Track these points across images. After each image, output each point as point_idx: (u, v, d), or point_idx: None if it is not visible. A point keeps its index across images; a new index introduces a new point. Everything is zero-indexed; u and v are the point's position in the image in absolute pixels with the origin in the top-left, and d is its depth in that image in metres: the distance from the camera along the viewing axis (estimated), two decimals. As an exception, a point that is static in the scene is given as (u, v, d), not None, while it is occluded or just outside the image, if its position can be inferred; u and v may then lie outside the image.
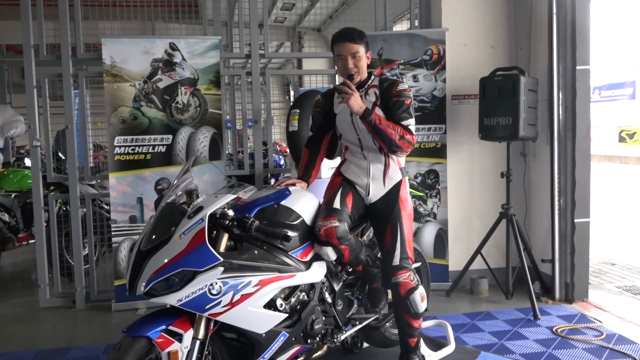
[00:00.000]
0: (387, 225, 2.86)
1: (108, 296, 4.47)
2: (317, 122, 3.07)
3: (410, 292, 2.79)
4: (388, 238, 2.84)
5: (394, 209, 2.87)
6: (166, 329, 2.25)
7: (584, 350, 3.37)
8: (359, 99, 2.74)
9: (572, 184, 4.25)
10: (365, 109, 2.73)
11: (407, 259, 2.83)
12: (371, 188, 2.92)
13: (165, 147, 4.40)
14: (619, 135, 21.05)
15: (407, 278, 2.79)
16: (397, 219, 2.86)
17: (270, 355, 2.46)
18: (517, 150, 4.67)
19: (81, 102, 4.62)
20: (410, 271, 2.81)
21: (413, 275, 2.83)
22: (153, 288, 2.23)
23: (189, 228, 2.27)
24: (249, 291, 2.34)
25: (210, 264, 2.26)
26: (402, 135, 2.75)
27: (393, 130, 2.74)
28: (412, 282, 2.80)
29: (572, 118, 4.23)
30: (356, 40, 2.78)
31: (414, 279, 2.82)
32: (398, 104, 2.80)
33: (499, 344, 3.49)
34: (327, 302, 2.76)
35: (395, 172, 2.93)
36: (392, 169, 2.93)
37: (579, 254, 4.26)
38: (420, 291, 2.82)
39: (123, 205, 4.36)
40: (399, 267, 2.80)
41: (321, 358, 3.19)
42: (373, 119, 2.73)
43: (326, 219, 2.67)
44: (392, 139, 2.75)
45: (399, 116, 2.79)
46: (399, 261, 2.80)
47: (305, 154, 3.06)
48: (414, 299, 2.79)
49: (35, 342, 3.76)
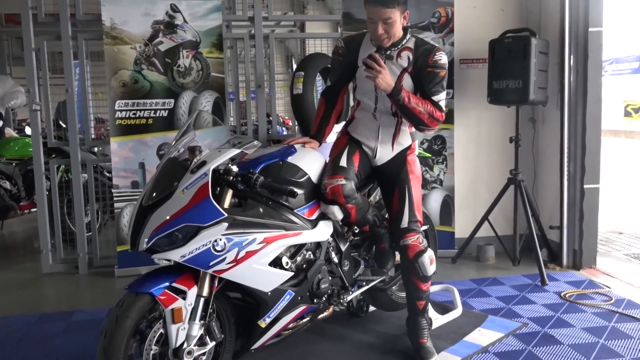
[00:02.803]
0: (395, 189, 2.77)
1: (111, 262, 4.43)
2: (336, 71, 2.87)
3: (418, 255, 2.72)
4: (396, 201, 2.76)
5: (402, 172, 2.78)
6: (169, 286, 2.20)
7: (593, 314, 3.32)
8: (387, 76, 2.52)
9: (582, 149, 4.16)
10: (394, 88, 2.54)
11: (415, 221, 2.75)
12: (378, 151, 2.81)
13: (167, 112, 4.32)
14: (625, 109, 20.84)
15: (416, 241, 2.72)
16: (405, 182, 2.77)
17: (275, 314, 2.41)
18: (525, 116, 4.57)
19: (81, 66, 4.51)
20: (419, 234, 2.74)
21: (422, 238, 2.75)
22: (155, 244, 2.17)
23: (192, 183, 2.21)
24: (254, 248, 2.28)
25: (214, 219, 2.19)
26: (431, 113, 2.59)
27: (422, 109, 2.58)
28: (420, 245, 2.73)
29: (583, 82, 4.12)
30: (389, 5, 2.51)
31: (423, 241, 2.75)
32: (432, 75, 2.61)
33: (506, 309, 3.45)
34: (334, 263, 2.70)
35: (405, 137, 2.82)
36: (402, 134, 2.81)
37: (588, 220, 4.20)
38: (429, 254, 2.75)
39: (125, 170, 4.30)
40: (407, 230, 2.72)
41: (327, 320, 3.17)
42: (402, 97, 2.55)
43: (332, 177, 2.59)
44: (420, 119, 2.60)
45: (430, 89, 2.62)
46: (408, 224, 2.72)
47: (321, 106, 2.90)
48: (423, 262, 2.72)
49: (38, 306, 3.73)
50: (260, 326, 2.40)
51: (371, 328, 3.18)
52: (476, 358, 2.81)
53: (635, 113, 20.43)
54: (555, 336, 3.03)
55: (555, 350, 2.87)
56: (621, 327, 3.13)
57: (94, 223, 4.54)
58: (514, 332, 3.10)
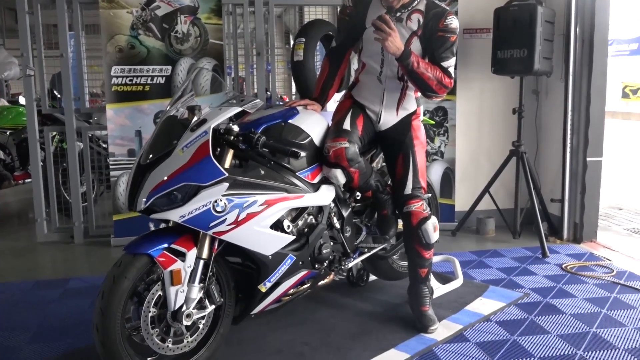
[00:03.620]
0: (399, 154, 2.71)
1: (107, 231, 4.37)
2: (342, 32, 2.77)
3: (422, 222, 2.67)
4: (400, 167, 2.70)
5: (406, 138, 2.72)
6: (168, 248, 2.14)
7: (595, 285, 3.30)
8: (397, 39, 2.42)
9: (585, 121, 4.10)
10: (403, 52, 2.44)
11: (419, 188, 2.69)
12: (382, 116, 2.74)
13: (165, 79, 4.22)
14: (623, 91, 20.75)
15: (420, 207, 2.67)
16: (409, 147, 2.71)
17: (276, 278, 2.36)
18: (529, 88, 4.50)
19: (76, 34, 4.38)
20: (422, 200, 2.68)
21: (425, 204, 2.70)
22: (154, 204, 2.10)
23: (191, 141, 2.14)
24: (255, 210, 2.22)
25: (215, 178, 2.13)
26: (440, 80, 2.52)
27: (431, 75, 2.50)
28: (424, 212, 2.67)
29: (589, 53, 4.05)
30: None
31: (427, 208, 2.70)
32: (442, 40, 2.52)
33: (507, 279, 3.42)
34: (335, 228, 2.65)
35: (411, 102, 2.76)
36: (408, 99, 2.74)
37: (590, 193, 4.16)
38: (432, 221, 2.70)
39: (121, 138, 4.22)
40: (411, 196, 2.66)
41: (326, 289, 3.14)
42: (411, 62, 2.45)
43: (335, 139, 2.52)
44: (429, 85, 2.53)
45: (439, 55, 2.54)
46: (411, 190, 2.67)
47: (325, 67, 2.80)
48: (426, 229, 2.68)
49: (33, 274, 3.68)
50: (260, 291, 2.35)
51: (371, 297, 3.14)
52: (478, 326, 2.78)
53: (633, 94, 20.34)
54: (557, 306, 3.00)
55: (558, 319, 2.84)
56: (623, 298, 3.10)
57: (90, 192, 4.48)
58: (516, 301, 3.07)
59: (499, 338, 2.65)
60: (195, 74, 2.39)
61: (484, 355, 2.48)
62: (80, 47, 4.35)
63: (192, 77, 2.36)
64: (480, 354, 2.50)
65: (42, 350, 2.58)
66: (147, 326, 2.13)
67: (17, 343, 2.65)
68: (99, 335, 2.03)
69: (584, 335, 2.66)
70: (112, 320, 2.03)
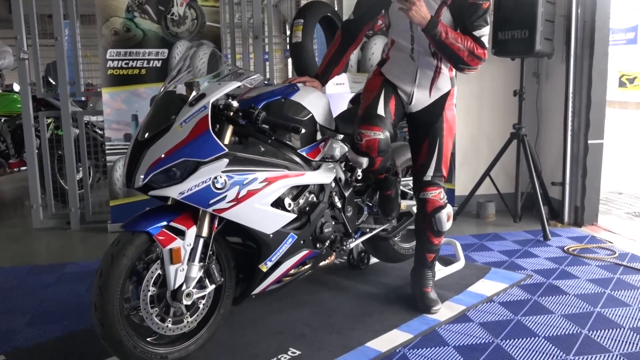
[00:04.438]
0: (426, 139, 2.61)
1: (104, 217, 4.32)
2: (363, 5, 2.60)
3: (437, 210, 2.63)
4: (424, 152, 2.62)
5: (436, 123, 2.59)
6: (167, 225, 2.09)
7: (598, 267, 3.27)
8: (423, 8, 2.26)
9: (587, 103, 4.06)
10: (430, 21, 2.28)
11: (440, 176, 2.62)
12: (415, 97, 2.59)
13: (161, 62, 4.16)
14: (619, 80, 20.74)
15: (437, 196, 2.62)
16: (437, 133, 2.59)
17: (277, 257, 2.32)
18: (529, 71, 4.45)
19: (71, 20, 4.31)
20: (440, 188, 2.63)
21: (443, 193, 2.65)
22: (152, 180, 2.05)
23: (190, 116, 2.09)
24: (255, 187, 2.17)
25: (215, 154, 2.08)
26: (472, 50, 2.35)
27: (461, 45, 2.33)
28: (440, 201, 2.63)
29: (590, 34, 4.00)
30: None
31: (444, 197, 2.65)
32: (474, 8, 2.34)
33: (509, 261, 3.39)
34: (337, 208, 2.60)
35: (445, 81, 2.59)
36: (442, 78, 2.57)
37: (591, 176, 4.12)
38: (447, 210, 2.65)
39: (117, 122, 4.16)
40: (429, 183, 2.61)
41: (327, 272, 3.10)
42: (438, 32, 2.29)
43: (370, 127, 2.41)
44: (460, 56, 2.36)
45: (472, 23, 2.36)
46: (431, 177, 2.61)
47: (336, 41, 2.65)
48: (440, 217, 2.63)
49: (29, 259, 3.64)
50: (261, 270, 2.31)
51: (372, 279, 3.11)
52: (481, 307, 2.74)
53: (630, 83, 20.36)
54: (560, 287, 2.97)
55: (562, 299, 2.81)
56: (627, 279, 3.07)
57: (86, 178, 4.42)
58: (518, 283, 3.04)
59: (503, 318, 2.62)
60: (195, 48, 2.32)
61: (488, 335, 2.45)
62: (75, 29, 4.29)
63: (191, 53, 2.31)
64: (484, 333, 2.47)
65: (38, 333, 2.54)
66: (146, 305, 2.08)
67: (14, 326, 2.61)
68: (97, 313, 1.99)
69: (588, 315, 2.63)
70: (110, 298, 1.98)
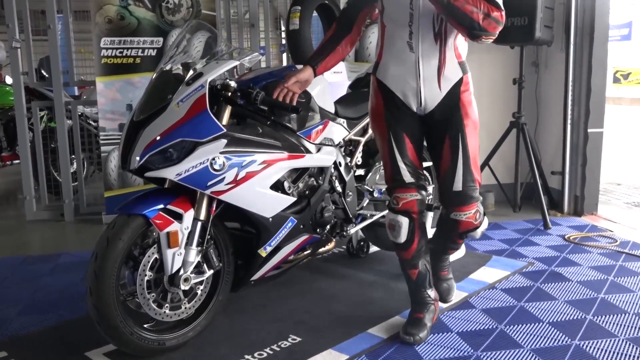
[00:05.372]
0: (445, 139, 2.17)
1: (98, 209, 4.26)
2: None
3: (470, 231, 2.26)
4: (447, 155, 2.17)
5: (454, 117, 2.15)
6: (164, 209, 2.04)
7: (600, 254, 3.23)
8: None
9: (587, 92, 4.03)
10: None
11: (472, 184, 2.16)
12: (424, 93, 2.15)
13: (156, 51, 4.10)
14: (614, 76, 20.77)
15: (472, 217, 2.19)
16: (458, 129, 2.15)
17: (277, 242, 2.27)
18: (528, 60, 4.41)
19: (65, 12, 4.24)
20: (476, 205, 2.19)
21: (480, 211, 2.22)
22: (148, 162, 2.00)
23: (187, 95, 2.03)
24: (254, 169, 2.12)
25: (212, 134, 2.03)
26: (487, 12, 1.97)
27: (474, 7, 1.96)
28: (475, 222, 2.21)
29: (590, 22, 3.97)
30: None
31: (480, 217, 2.22)
32: None
33: (510, 250, 3.35)
34: (337, 192, 2.55)
35: (454, 69, 2.16)
36: (450, 66, 2.14)
37: (591, 165, 4.09)
38: (482, 228, 2.28)
39: (112, 112, 4.09)
40: (462, 198, 2.16)
41: (326, 260, 3.06)
42: None
43: (405, 190, 2.19)
44: (473, 20, 1.97)
45: None
46: (462, 186, 2.14)
47: (331, 30, 2.29)
48: (472, 235, 2.30)
49: (23, 250, 3.57)
50: (260, 255, 2.26)
51: (372, 267, 3.06)
52: (483, 294, 2.70)
53: (624, 79, 20.40)
54: (562, 274, 2.94)
55: (564, 286, 2.77)
56: (629, 266, 3.04)
57: (80, 170, 4.35)
58: (520, 270, 3.00)
59: (506, 304, 2.57)
60: (190, 25, 2.26)
61: (491, 321, 2.41)
62: (68, 19, 4.22)
63: (185, 32, 2.24)
64: (488, 319, 2.42)
65: (32, 321, 2.48)
66: (143, 290, 2.03)
67: (7, 315, 2.55)
68: (92, 298, 1.93)
69: (592, 301, 2.60)
70: (106, 282, 1.93)
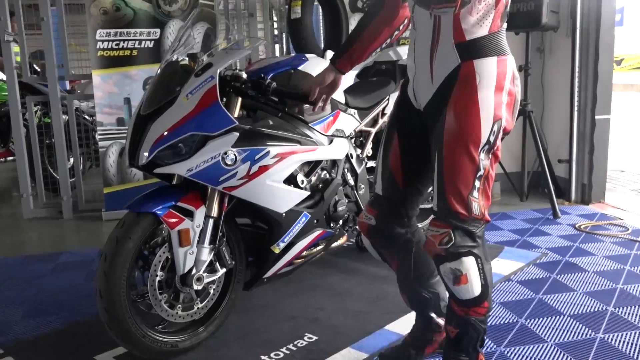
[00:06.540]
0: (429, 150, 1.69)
1: (97, 206, 4.16)
2: None
3: (439, 260, 1.64)
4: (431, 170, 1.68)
5: (438, 122, 1.61)
6: (175, 206, 1.96)
7: (613, 243, 3.18)
8: None
9: (593, 78, 3.96)
10: None
11: (446, 210, 1.60)
12: (416, 84, 1.70)
13: (153, 43, 3.99)
14: (607, 62, 20.78)
15: (437, 237, 1.61)
16: (437, 139, 1.61)
17: (290, 238, 2.19)
18: (533, 46, 4.33)
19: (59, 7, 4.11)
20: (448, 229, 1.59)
21: (453, 239, 1.59)
22: (157, 157, 1.92)
23: (197, 87, 1.94)
24: (267, 163, 2.04)
25: (224, 127, 1.95)
26: None
27: None
28: (438, 247, 1.61)
29: (596, 6, 3.89)
30: None
31: (450, 244, 1.59)
32: None
33: (521, 240, 3.29)
34: (349, 185, 2.48)
35: (448, 53, 1.58)
36: (443, 47, 1.59)
37: (598, 153, 4.03)
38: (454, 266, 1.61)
39: (109, 106, 3.99)
40: (434, 216, 1.66)
41: (336, 255, 2.98)
42: None
43: (368, 207, 1.90)
44: None
45: None
46: (437, 207, 1.64)
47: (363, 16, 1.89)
48: (444, 272, 1.64)
49: (22, 249, 3.48)
50: (273, 252, 2.19)
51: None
52: (500, 287, 2.64)
53: (617, 65, 20.40)
54: (578, 264, 2.88)
55: (581, 277, 2.71)
56: (644, 255, 2.99)
57: (78, 165, 4.25)
58: (534, 261, 2.94)
59: (524, 297, 2.51)
60: (196, 13, 2.16)
61: (512, 315, 2.34)
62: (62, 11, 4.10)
63: (190, 21, 2.15)
64: (507, 313, 2.36)
65: (37, 324, 2.39)
66: (154, 291, 1.95)
67: (11, 318, 2.46)
68: (102, 300, 1.85)
69: (611, 291, 2.54)
70: (116, 284, 1.85)
